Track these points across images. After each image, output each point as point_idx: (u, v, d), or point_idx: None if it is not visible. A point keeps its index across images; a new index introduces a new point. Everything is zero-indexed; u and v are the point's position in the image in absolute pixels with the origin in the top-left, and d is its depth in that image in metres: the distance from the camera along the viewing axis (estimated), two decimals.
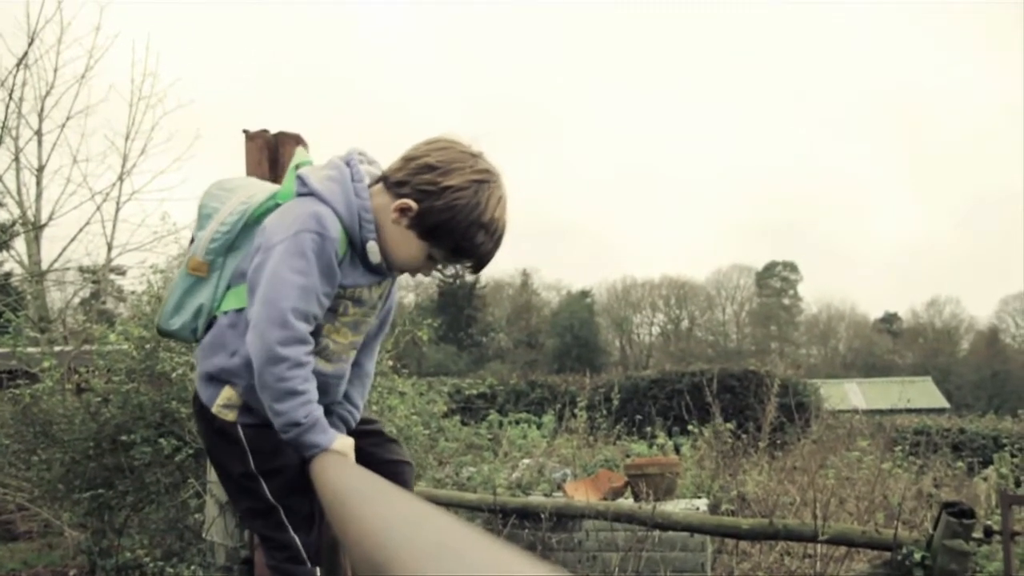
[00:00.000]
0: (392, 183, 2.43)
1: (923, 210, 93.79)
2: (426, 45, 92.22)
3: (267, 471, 2.58)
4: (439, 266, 2.57)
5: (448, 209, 2.35)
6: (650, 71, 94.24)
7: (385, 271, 2.52)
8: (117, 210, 12.84)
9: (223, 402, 2.59)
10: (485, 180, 2.37)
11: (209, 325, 2.65)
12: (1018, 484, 9.41)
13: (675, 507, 7.25)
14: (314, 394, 2.40)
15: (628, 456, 10.40)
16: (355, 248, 2.46)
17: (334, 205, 2.42)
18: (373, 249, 2.44)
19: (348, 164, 2.50)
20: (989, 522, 5.42)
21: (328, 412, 2.63)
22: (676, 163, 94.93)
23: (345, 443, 2.43)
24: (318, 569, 2.55)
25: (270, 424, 2.46)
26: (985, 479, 9.52)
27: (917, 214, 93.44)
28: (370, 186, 2.48)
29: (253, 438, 2.59)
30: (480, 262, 2.49)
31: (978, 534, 5.20)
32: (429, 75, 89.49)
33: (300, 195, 2.47)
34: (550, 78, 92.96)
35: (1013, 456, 10.00)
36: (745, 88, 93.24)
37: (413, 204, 2.37)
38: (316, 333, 2.46)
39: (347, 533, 1.01)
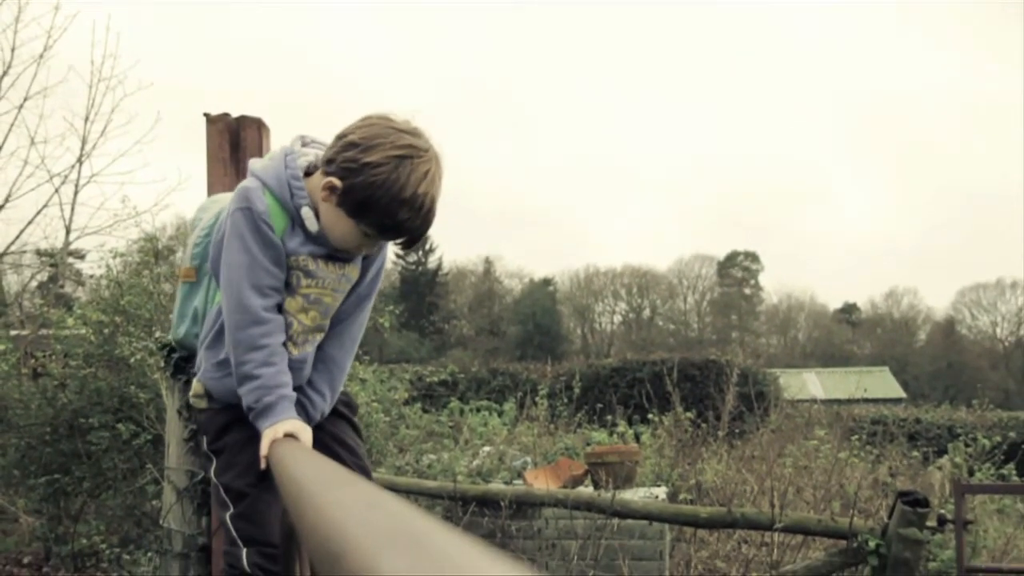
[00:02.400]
0: (323, 162, 2.46)
1: (883, 202, 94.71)
2: (393, 30, 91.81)
3: (214, 451, 2.69)
4: (382, 242, 2.60)
5: (368, 186, 2.34)
6: (617, 58, 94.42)
7: (327, 243, 2.53)
8: (76, 193, 12.63)
9: (192, 393, 2.75)
10: (407, 155, 2.34)
11: None
12: (971, 473, 9.53)
13: (634, 495, 7.29)
14: (271, 379, 2.45)
15: (588, 444, 10.43)
16: (293, 217, 2.51)
17: (263, 179, 2.49)
18: (307, 215, 2.48)
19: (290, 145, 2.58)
20: (943, 511, 5.49)
21: None
22: (640, 151, 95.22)
23: (294, 425, 2.43)
24: (244, 551, 2.57)
25: (218, 408, 2.64)
26: (939, 468, 9.63)
27: (877, 206, 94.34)
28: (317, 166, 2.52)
29: (204, 421, 2.74)
30: (410, 238, 2.48)
31: (932, 523, 5.27)
32: (396, 60, 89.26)
33: None
34: (516, 64, 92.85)
35: (967, 446, 10.11)
36: (712, 77, 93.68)
37: (338, 182, 2.39)
38: (280, 310, 2.55)
39: (303, 521, 1.01)
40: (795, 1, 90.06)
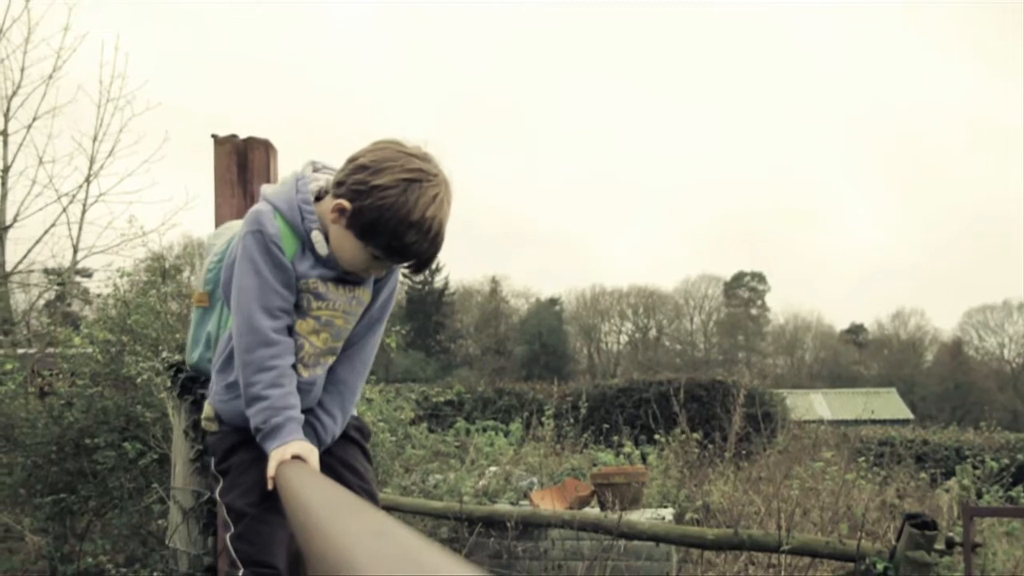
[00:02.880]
0: (334, 184, 2.49)
1: (890, 222, 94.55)
2: (397, 47, 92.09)
3: (221, 471, 2.71)
4: (391, 265, 2.61)
5: (376, 208, 2.37)
6: (623, 77, 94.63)
7: (337, 267, 2.55)
8: (83, 212, 12.64)
9: (203, 415, 2.77)
10: (416, 179, 2.37)
11: None
12: (980, 495, 9.50)
13: (641, 516, 7.27)
14: (279, 400, 2.45)
15: (595, 465, 10.41)
16: (303, 241, 2.54)
17: (275, 203, 2.52)
18: (317, 239, 2.51)
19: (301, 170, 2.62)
20: (951, 533, 5.46)
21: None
22: (647, 171, 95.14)
23: (302, 447, 2.43)
24: (241, 571, 2.57)
25: (227, 430, 2.66)
26: (947, 490, 9.60)
27: (884, 226, 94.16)
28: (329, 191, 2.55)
29: (212, 443, 2.76)
30: (419, 261, 2.50)
31: (940, 545, 5.24)
32: (400, 78, 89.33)
33: None
34: (518, 83, 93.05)
35: (975, 467, 10.08)
36: (719, 96, 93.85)
37: (347, 204, 2.41)
38: (290, 332, 2.57)
39: (310, 547, 1.00)
40: (800, 22, 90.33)
